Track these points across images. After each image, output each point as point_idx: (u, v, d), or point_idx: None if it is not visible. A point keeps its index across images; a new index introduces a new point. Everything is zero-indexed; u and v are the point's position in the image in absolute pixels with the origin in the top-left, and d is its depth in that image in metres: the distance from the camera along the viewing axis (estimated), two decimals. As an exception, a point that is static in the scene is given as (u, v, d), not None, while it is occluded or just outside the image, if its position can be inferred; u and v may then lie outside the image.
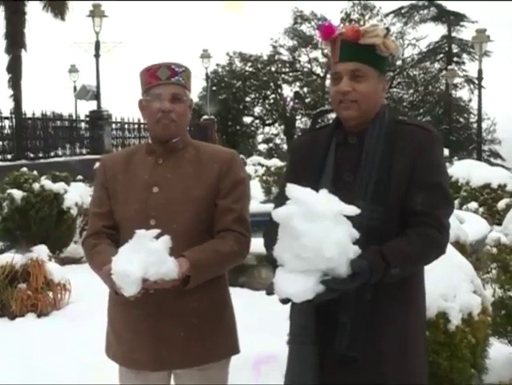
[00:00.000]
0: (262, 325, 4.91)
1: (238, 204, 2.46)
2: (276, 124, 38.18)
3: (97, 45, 19.95)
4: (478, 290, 3.71)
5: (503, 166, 27.35)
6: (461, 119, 40.08)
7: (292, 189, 1.95)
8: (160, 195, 2.45)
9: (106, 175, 2.57)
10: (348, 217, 1.94)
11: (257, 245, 2.45)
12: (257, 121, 37.46)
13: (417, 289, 2.25)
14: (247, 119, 36.48)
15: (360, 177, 2.15)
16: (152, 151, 2.53)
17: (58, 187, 8.62)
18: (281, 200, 2.10)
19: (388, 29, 2.21)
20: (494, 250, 5.46)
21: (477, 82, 23.98)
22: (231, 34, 67.32)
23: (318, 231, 1.86)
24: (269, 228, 2.27)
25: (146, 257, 2.14)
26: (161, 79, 2.45)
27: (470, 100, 38.86)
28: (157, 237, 2.19)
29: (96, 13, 19.69)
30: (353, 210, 1.93)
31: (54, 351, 5.08)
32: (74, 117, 20.04)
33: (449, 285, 3.51)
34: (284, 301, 1.92)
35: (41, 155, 17.10)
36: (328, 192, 1.97)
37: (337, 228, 1.89)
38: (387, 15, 39.01)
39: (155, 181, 2.47)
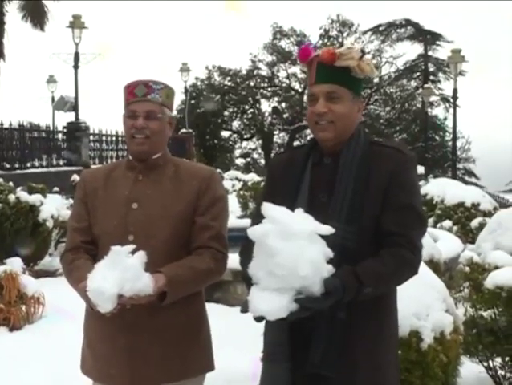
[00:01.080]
0: (236, 341, 4.90)
1: (216, 222, 2.48)
2: (254, 139, 38.28)
3: (76, 56, 19.88)
4: (450, 309, 3.75)
5: (477, 184, 27.71)
6: (437, 137, 40.51)
7: (268, 208, 1.98)
8: (139, 211, 2.47)
9: (86, 190, 2.58)
10: (322, 237, 1.96)
11: (233, 260, 2.47)
12: (235, 135, 37.53)
13: (390, 308, 2.28)
14: (225, 134, 36.55)
15: (335, 198, 2.18)
16: (133, 167, 2.55)
17: (34, 199, 8.57)
18: (257, 218, 2.12)
19: (362, 51, 2.25)
20: (467, 269, 5.54)
21: (452, 100, 24.36)
22: (210, 48, 67.49)
23: (292, 249, 1.88)
24: (244, 247, 2.30)
25: (121, 273, 2.15)
26: (138, 96, 2.49)
27: (446, 118, 39.33)
28: (133, 252, 2.21)
29: (76, 24, 19.62)
30: (328, 230, 1.96)
31: (26, 366, 5.02)
32: (51, 128, 19.89)
33: (422, 304, 3.55)
34: (258, 319, 1.94)
35: (17, 166, 16.94)
36: (303, 212, 2.00)
37: (312, 247, 1.92)
38: (365, 33, 39.42)
39: (134, 197, 2.49)
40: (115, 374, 2.46)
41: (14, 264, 6.61)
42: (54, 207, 8.87)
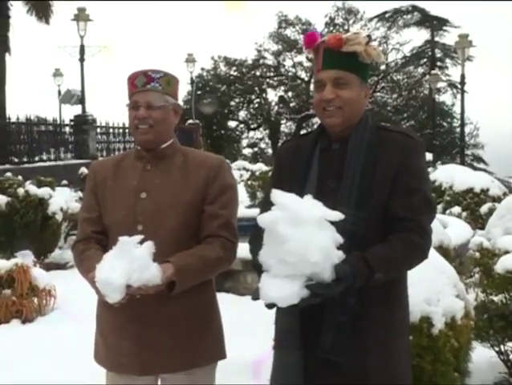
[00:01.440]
0: (247, 330, 4.92)
1: (226, 210, 2.48)
2: (261, 129, 38.23)
3: (82, 49, 19.85)
4: (461, 294, 3.75)
5: (485, 170, 27.56)
6: (445, 124, 40.34)
7: (277, 195, 1.98)
8: (147, 200, 2.47)
9: (95, 180, 2.60)
10: (332, 223, 1.97)
11: (242, 250, 2.47)
12: (241, 125, 37.49)
13: (401, 293, 2.29)
14: (232, 124, 36.53)
15: (344, 184, 2.18)
16: (141, 157, 2.56)
17: (43, 192, 8.59)
18: (266, 205, 2.12)
19: (369, 36, 2.24)
20: (477, 255, 5.53)
21: (459, 86, 24.11)
22: (216, 38, 67.32)
23: (302, 236, 1.89)
24: (254, 235, 2.30)
25: (129, 263, 2.16)
26: (138, 87, 2.49)
27: (453, 105, 39.16)
28: (141, 242, 2.22)
29: (81, 17, 19.58)
30: (337, 216, 1.96)
31: (39, 358, 5.05)
32: (58, 122, 19.91)
33: (433, 290, 3.55)
34: (269, 306, 1.94)
35: (25, 159, 16.97)
36: (312, 198, 2.00)
37: (321, 234, 1.92)
38: (371, 20, 39.21)
39: (143, 187, 2.50)
40: (127, 364, 2.48)
41: (25, 257, 6.66)
42: (63, 200, 8.90)
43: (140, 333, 2.44)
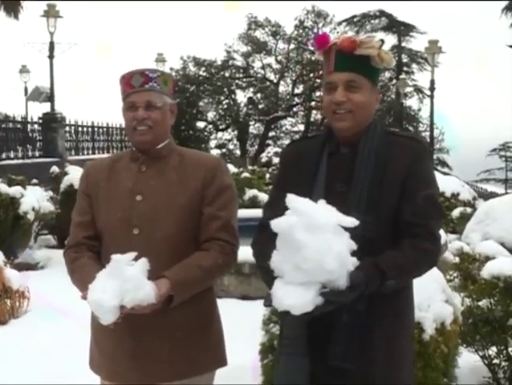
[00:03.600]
0: (229, 333, 4.87)
1: (224, 212, 2.42)
2: (229, 130, 38.10)
3: (51, 46, 19.52)
4: (449, 300, 3.76)
5: (449, 175, 27.96)
6: (411, 128, 40.79)
7: (292, 200, 1.93)
8: (143, 203, 2.40)
9: (88, 182, 2.51)
10: (344, 229, 1.93)
11: None
12: (210, 126, 37.29)
13: (409, 299, 2.28)
14: (200, 124, 36.30)
15: (354, 188, 2.15)
16: (136, 158, 2.48)
17: (15, 191, 8.42)
18: (273, 209, 2.11)
19: (382, 40, 2.22)
20: (457, 259, 5.54)
21: (426, 91, 24.31)
22: (185, 39, 67.05)
23: (319, 243, 1.85)
24: (258, 238, 2.26)
25: (122, 283, 2.10)
26: (135, 87, 2.40)
27: (420, 109, 39.61)
28: (136, 258, 2.15)
29: (51, 13, 19.22)
30: (352, 222, 1.93)
31: (13, 361, 4.96)
32: (26, 119, 19.55)
33: (423, 295, 3.53)
34: (283, 313, 1.91)
35: (-8, 157, 16.65)
36: (326, 203, 1.97)
37: (337, 240, 1.89)
38: (339, 23, 39.40)
39: (138, 189, 2.41)
40: (124, 373, 2.40)
41: (-5, 257, 6.49)
42: (35, 199, 8.72)
43: (138, 341, 2.37)
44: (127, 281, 2.10)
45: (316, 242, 1.85)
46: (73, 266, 2.40)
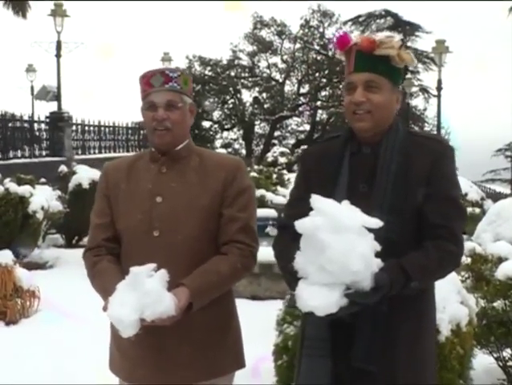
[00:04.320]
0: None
1: (244, 213, 2.40)
2: (235, 129, 38.10)
3: (58, 45, 19.49)
4: (465, 301, 3.74)
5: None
6: (416, 128, 40.73)
7: (317, 200, 1.93)
8: (163, 205, 2.38)
9: (108, 183, 2.49)
10: (368, 229, 1.93)
11: None
12: (216, 126, 37.29)
13: (430, 301, 2.27)
14: (206, 124, 36.28)
15: (376, 189, 2.14)
16: (156, 159, 2.46)
17: (24, 190, 8.42)
18: (294, 209, 2.13)
19: (403, 40, 2.20)
20: (469, 260, 5.52)
21: (431, 91, 24.18)
22: (191, 38, 67.12)
23: (343, 244, 1.85)
24: (280, 239, 2.25)
25: (141, 297, 2.08)
26: (155, 86, 2.37)
27: (425, 109, 39.53)
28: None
29: (58, 12, 19.20)
30: (376, 223, 1.93)
31: (24, 360, 4.97)
32: (33, 118, 19.55)
33: (439, 297, 3.49)
34: (307, 314, 1.91)
35: (0, 156, 16.63)
36: (350, 204, 1.96)
37: (362, 241, 1.88)
38: (345, 23, 39.33)
39: (158, 191, 2.40)
40: (144, 374, 2.39)
41: (5, 257, 6.49)
42: (44, 198, 8.72)
43: (158, 343, 2.35)
44: (146, 294, 2.08)
45: (341, 243, 1.84)
46: (93, 272, 2.38)
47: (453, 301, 3.60)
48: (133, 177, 2.46)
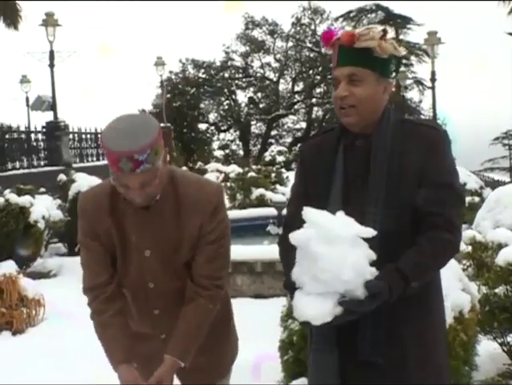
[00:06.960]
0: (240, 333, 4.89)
1: (214, 245, 2.38)
2: (231, 130, 38.13)
3: (51, 54, 19.50)
4: (466, 288, 3.78)
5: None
6: (413, 120, 40.69)
7: (309, 213, 1.96)
8: (152, 259, 2.36)
9: (95, 229, 2.38)
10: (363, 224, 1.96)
11: (233, 252, 2.49)
12: (212, 127, 37.30)
13: (436, 292, 2.25)
14: (202, 126, 36.28)
15: (371, 182, 2.13)
16: (136, 211, 2.34)
17: (24, 200, 8.45)
18: (295, 206, 2.15)
19: (384, 30, 2.17)
20: (469, 248, 5.55)
21: (425, 83, 24.18)
22: (184, 41, 67.11)
23: (336, 254, 1.89)
24: (283, 236, 2.26)
25: None
26: (125, 171, 2.16)
27: (421, 101, 39.56)
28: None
29: (49, 22, 19.20)
30: (369, 232, 1.95)
31: (32, 370, 4.98)
32: (30, 129, 19.57)
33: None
34: (304, 323, 1.95)
35: (-2, 168, 16.64)
36: (344, 215, 1.98)
37: (355, 251, 1.92)
38: (336, 19, 39.33)
39: (145, 244, 2.35)
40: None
41: (8, 267, 6.51)
42: (44, 207, 8.75)
43: (161, 347, 2.40)
44: None
45: (333, 253, 1.88)
46: (99, 334, 2.40)
47: (454, 288, 3.64)
48: (118, 222, 2.37)
